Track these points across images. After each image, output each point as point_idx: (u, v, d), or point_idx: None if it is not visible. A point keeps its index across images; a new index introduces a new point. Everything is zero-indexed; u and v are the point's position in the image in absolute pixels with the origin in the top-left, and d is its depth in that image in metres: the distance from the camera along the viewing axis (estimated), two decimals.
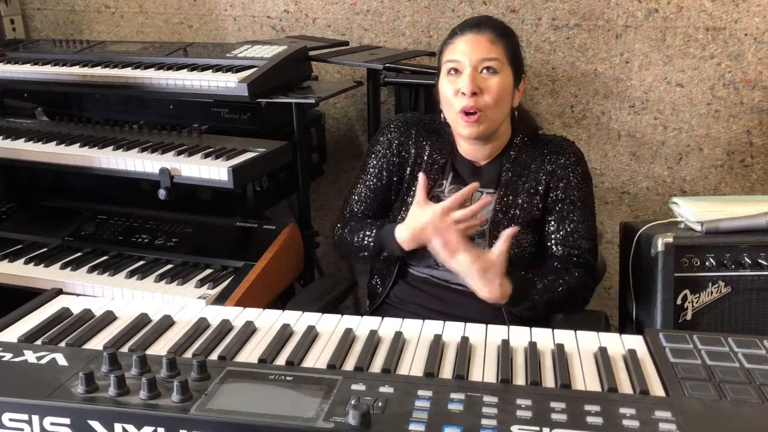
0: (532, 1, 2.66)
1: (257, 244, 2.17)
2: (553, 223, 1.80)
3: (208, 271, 2.12)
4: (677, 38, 2.57)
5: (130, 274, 2.09)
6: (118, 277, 2.09)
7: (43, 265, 2.17)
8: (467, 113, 1.70)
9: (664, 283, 1.84)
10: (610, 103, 2.70)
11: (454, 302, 1.79)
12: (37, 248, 2.28)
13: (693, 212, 1.89)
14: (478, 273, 1.57)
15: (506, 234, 1.58)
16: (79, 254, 2.24)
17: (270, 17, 2.96)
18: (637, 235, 1.94)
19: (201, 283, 2.04)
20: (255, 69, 2.21)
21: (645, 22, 2.58)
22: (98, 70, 2.34)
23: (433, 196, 1.81)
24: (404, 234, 1.72)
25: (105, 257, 2.22)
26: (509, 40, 1.77)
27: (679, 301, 1.86)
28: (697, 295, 1.86)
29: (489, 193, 1.81)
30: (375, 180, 1.90)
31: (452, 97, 1.72)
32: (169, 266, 2.16)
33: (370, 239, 1.81)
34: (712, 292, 1.86)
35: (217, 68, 2.26)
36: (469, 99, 1.68)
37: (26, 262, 2.19)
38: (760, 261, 1.84)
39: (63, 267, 2.15)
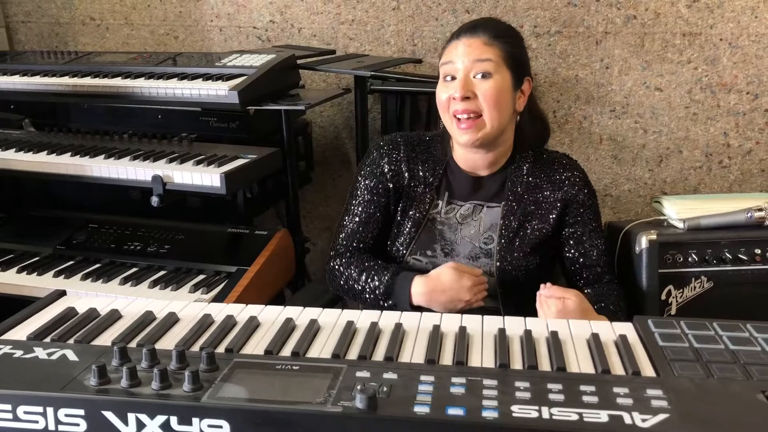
0: (514, 9, 2.72)
1: (249, 249, 2.20)
2: (573, 249, 1.78)
3: (201, 277, 2.15)
4: (655, 44, 2.65)
5: (124, 281, 2.11)
6: (111, 284, 2.11)
7: (36, 273, 2.18)
8: (460, 119, 1.67)
9: (648, 279, 1.89)
10: (592, 108, 2.77)
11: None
12: (29, 257, 2.29)
13: (675, 210, 1.95)
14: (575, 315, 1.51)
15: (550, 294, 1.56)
16: (71, 262, 2.25)
17: (256, 27, 3.00)
18: (622, 233, 1.99)
19: (194, 288, 2.06)
20: (245, 77, 2.24)
21: (624, 28, 2.65)
22: (88, 80, 2.37)
23: (429, 219, 1.78)
24: (421, 287, 1.67)
25: (98, 265, 2.24)
26: (507, 41, 1.70)
27: (663, 297, 1.91)
28: (681, 290, 1.91)
29: (491, 208, 1.77)
30: (368, 208, 1.83)
31: (446, 102, 1.68)
32: (162, 272, 2.18)
33: (380, 284, 1.73)
34: (695, 287, 1.91)
35: (207, 77, 2.29)
36: (461, 103, 1.64)
37: (19, 271, 2.20)
38: (740, 256, 1.90)
39: (56, 275, 2.17)
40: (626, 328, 1.15)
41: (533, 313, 1.67)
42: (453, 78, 1.69)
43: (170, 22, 3.10)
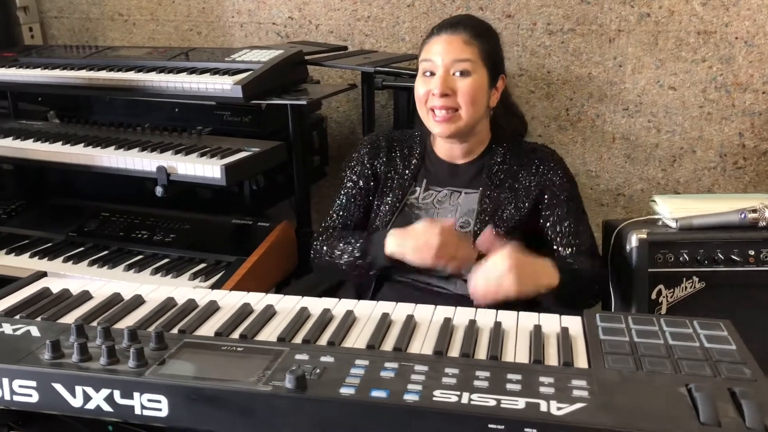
0: (528, 6, 2.72)
1: (250, 240, 2.25)
2: (551, 228, 1.82)
3: (202, 265, 2.21)
4: (669, 42, 2.62)
5: (128, 268, 2.18)
6: (116, 270, 2.18)
7: (47, 258, 2.27)
8: (436, 112, 1.74)
9: (638, 278, 1.89)
10: (605, 106, 2.75)
11: (438, 304, 1.79)
12: (43, 243, 2.39)
13: (668, 209, 1.94)
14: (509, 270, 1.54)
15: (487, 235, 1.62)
16: (81, 249, 2.33)
17: (275, 24, 3.05)
18: (616, 231, 1.99)
19: (194, 276, 2.12)
20: (250, 72, 2.29)
21: (637, 26, 2.63)
22: (103, 74, 2.45)
23: (406, 204, 1.85)
24: (394, 236, 1.72)
25: (106, 252, 2.31)
26: (485, 40, 1.78)
27: (653, 296, 1.90)
28: (672, 290, 1.90)
29: (468, 194, 1.83)
30: (351, 199, 1.94)
31: (424, 96, 1.76)
32: (165, 260, 2.24)
33: (357, 243, 1.81)
34: (686, 287, 1.90)
35: (215, 71, 2.35)
36: (439, 99, 1.72)
37: (31, 256, 2.29)
38: (733, 257, 1.88)
39: (65, 261, 2.25)
40: (572, 321, 1.16)
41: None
42: (432, 74, 1.76)
43: (194, 18, 3.18)
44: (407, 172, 1.88)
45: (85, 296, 1.30)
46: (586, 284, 1.73)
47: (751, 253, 1.87)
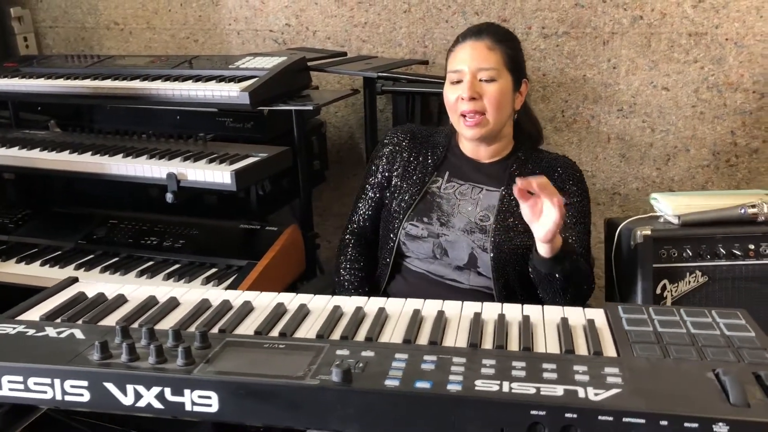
0: (522, 10, 2.77)
1: (260, 244, 2.29)
2: None
3: (213, 270, 2.24)
4: (662, 44, 2.68)
5: (140, 274, 2.21)
6: (128, 277, 2.21)
7: (58, 266, 2.30)
8: (466, 117, 1.84)
9: (643, 274, 1.94)
10: (599, 108, 2.81)
11: (450, 298, 1.85)
12: (52, 251, 2.41)
13: (671, 206, 2.00)
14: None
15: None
16: (91, 256, 2.36)
17: (272, 31, 3.09)
18: (619, 229, 2.05)
19: (207, 280, 2.16)
20: (256, 79, 2.33)
21: (630, 28, 2.70)
22: (108, 83, 2.47)
23: (428, 192, 1.92)
24: None
25: (116, 258, 2.34)
26: (508, 45, 1.88)
27: (658, 291, 1.95)
28: (676, 284, 1.96)
29: (489, 191, 1.90)
30: (373, 195, 2.03)
31: (454, 103, 1.86)
32: (176, 266, 2.28)
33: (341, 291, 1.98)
34: (689, 282, 1.96)
35: (220, 79, 2.38)
36: (468, 103, 1.82)
37: (42, 264, 2.32)
38: (734, 251, 1.94)
39: (77, 268, 2.28)
40: (596, 314, 1.22)
41: (523, 290, 1.82)
42: (460, 81, 1.85)
43: (190, 26, 3.21)
44: (430, 161, 1.96)
45: (121, 299, 1.34)
46: (580, 271, 1.76)
47: (751, 247, 1.94)
